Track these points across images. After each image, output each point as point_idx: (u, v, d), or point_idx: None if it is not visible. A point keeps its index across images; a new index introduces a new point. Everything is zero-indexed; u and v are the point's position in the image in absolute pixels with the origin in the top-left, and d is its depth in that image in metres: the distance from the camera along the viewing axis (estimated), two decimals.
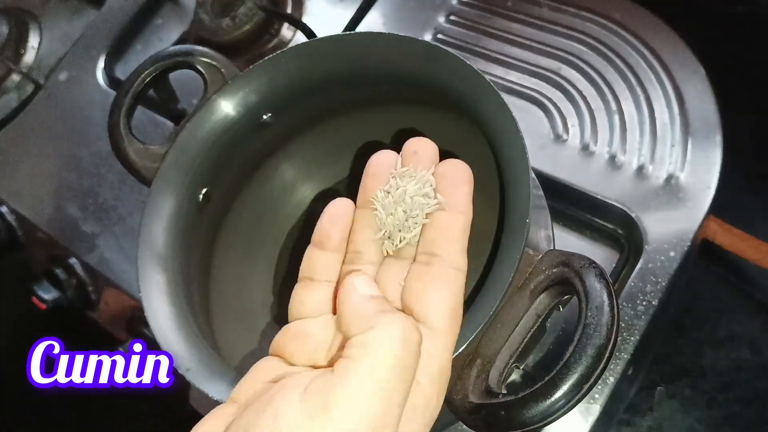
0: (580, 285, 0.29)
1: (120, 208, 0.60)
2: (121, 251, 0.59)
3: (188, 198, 0.41)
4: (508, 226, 0.32)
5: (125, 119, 0.43)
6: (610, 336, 0.28)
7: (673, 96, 0.49)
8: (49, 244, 0.62)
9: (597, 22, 0.54)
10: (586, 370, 0.27)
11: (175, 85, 0.49)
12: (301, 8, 0.66)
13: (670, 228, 0.45)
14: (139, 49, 0.70)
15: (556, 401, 0.27)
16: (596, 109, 0.51)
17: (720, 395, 0.48)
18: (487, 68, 0.55)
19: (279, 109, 0.44)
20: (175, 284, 0.38)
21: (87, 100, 0.67)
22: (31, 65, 0.73)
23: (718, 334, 0.50)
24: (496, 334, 0.30)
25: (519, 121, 0.33)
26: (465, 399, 0.29)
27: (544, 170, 0.49)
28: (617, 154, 0.49)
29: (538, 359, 0.42)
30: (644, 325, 0.43)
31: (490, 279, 0.31)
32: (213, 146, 0.42)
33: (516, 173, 0.32)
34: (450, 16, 0.59)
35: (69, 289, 0.60)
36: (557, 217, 0.49)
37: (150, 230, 0.39)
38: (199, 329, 0.37)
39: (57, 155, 0.66)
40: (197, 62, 0.44)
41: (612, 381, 0.43)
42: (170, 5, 0.71)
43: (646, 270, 0.45)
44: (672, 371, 0.49)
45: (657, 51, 0.51)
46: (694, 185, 0.46)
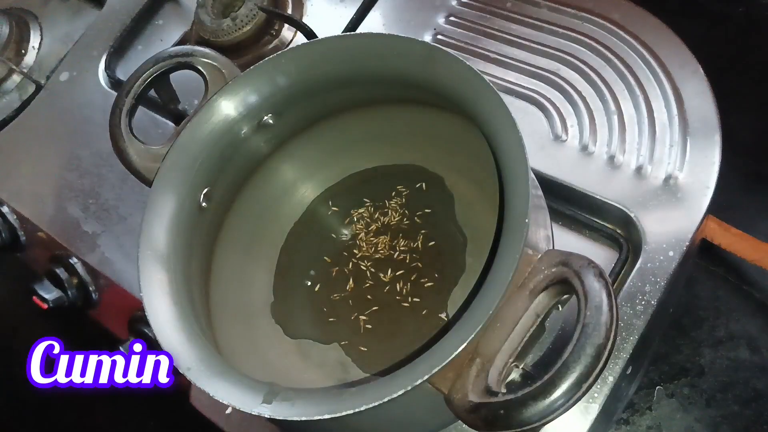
0: (579, 285, 0.29)
1: (121, 208, 0.60)
2: (122, 251, 0.59)
3: (189, 198, 0.41)
4: (508, 225, 0.32)
5: (126, 119, 0.44)
6: (609, 335, 0.28)
7: (672, 96, 0.49)
8: (50, 244, 0.62)
9: (596, 23, 0.54)
10: (585, 369, 0.27)
11: (176, 85, 0.49)
12: (301, 9, 0.66)
13: (669, 228, 0.46)
14: (140, 49, 0.70)
15: (556, 400, 0.27)
16: (595, 110, 0.51)
17: (719, 395, 0.48)
18: (487, 69, 0.55)
19: (279, 110, 0.44)
20: (176, 284, 0.38)
21: (88, 101, 0.67)
22: (31, 65, 0.74)
23: (717, 333, 0.50)
24: (495, 334, 0.31)
25: (518, 122, 0.33)
26: (465, 398, 0.29)
27: (544, 170, 0.49)
28: (616, 154, 0.49)
29: (538, 358, 0.42)
30: (643, 325, 0.43)
31: (490, 278, 0.31)
32: (214, 146, 0.43)
33: (515, 173, 0.33)
34: (450, 17, 0.59)
35: (70, 289, 0.60)
36: (556, 217, 0.49)
37: (151, 230, 0.39)
38: (200, 329, 0.37)
39: (58, 155, 0.66)
40: (198, 63, 0.44)
41: (611, 380, 0.43)
42: (171, 6, 0.71)
43: (645, 270, 0.45)
44: (671, 371, 0.50)
45: (656, 51, 0.51)
46: (693, 185, 0.46)
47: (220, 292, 0.44)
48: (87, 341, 0.68)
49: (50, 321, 0.66)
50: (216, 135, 0.42)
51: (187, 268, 0.40)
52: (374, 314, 0.45)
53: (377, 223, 0.49)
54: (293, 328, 0.46)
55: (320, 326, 0.46)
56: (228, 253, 0.46)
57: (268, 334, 0.46)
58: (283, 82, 0.42)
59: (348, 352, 0.45)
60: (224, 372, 0.34)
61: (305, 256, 0.48)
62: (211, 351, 0.36)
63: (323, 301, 0.47)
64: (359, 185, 0.50)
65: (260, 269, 0.48)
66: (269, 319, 0.47)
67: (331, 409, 0.30)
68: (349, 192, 0.50)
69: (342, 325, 0.46)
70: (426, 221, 0.48)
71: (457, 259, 0.45)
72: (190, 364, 0.34)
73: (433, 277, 0.45)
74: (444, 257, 0.46)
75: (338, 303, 0.46)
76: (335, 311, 0.46)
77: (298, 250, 0.49)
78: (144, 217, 0.39)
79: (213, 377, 0.33)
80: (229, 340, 0.42)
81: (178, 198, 0.41)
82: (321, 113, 0.46)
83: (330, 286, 0.47)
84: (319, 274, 0.48)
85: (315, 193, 0.50)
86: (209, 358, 0.35)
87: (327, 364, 0.45)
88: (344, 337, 0.45)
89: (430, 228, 0.47)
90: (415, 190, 0.48)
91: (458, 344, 0.29)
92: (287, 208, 0.50)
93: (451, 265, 0.45)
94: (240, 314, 0.46)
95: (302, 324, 0.46)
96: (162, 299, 0.37)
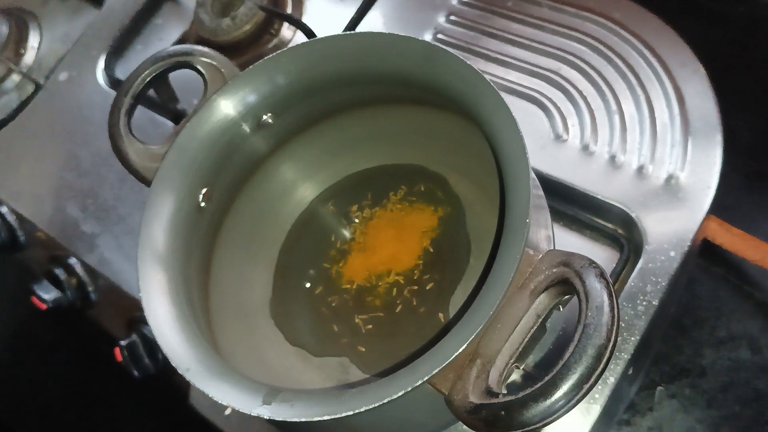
0: (580, 285, 0.29)
1: (120, 208, 0.60)
2: (121, 251, 0.59)
3: (188, 198, 0.41)
4: (508, 226, 0.32)
5: (125, 119, 0.43)
6: (610, 336, 0.28)
7: (674, 96, 0.49)
8: (49, 244, 0.62)
9: (597, 22, 0.54)
10: (586, 370, 0.27)
11: (175, 85, 0.49)
12: (301, 8, 0.66)
13: (670, 228, 0.45)
14: (139, 49, 0.70)
15: (556, 401, 0.27)
16: (596, 109, 0.51)
17: (720, 395, 0.48)
18: (487, 68, 0.55)
19: (279, 109, 0.44)
20: (175, 284, 0.38)
21: (87, 100, 0.67)
22: (31, 65, 0.73)
23: (718, 334, 0.50)
24: (496, 334, 0.30)
25: (519, 121, 0.33)
26: (465, 399, 0.29)
27: (544, 170, 0.49)
28: (617, 154, 0.49)
29: (538, 359, 0.42)
30: (644, 325, 0.43)
31: (490, 279, 0.31)
32: (213, 146, 0.42)
33: (516, 173, 0.32)
34: (450, 16, 0.59)
35: (69, 289, 0.60)
36: (557, 217, 0.49)
37: (150, 230, 0.39)
38: (199, 329, 0.37)
39: (57, 155, 0.66)
40: (197, 62, 0.44)
41: (612, 381, 0.43)
42: (170, 5, 0.71)
43: (646, 270, 0.45)
44: (672, 371, 0.49)
45: (657, 51, 0.51)
46: (694, 185, 0.46)
47: (219, 293, 0.44)
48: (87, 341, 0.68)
49: (50, 321, 0.66)
50: (215, 134, 0.42)
51: (187, 268, 0.40)
52: (374, 315, 0.45)
53: (377, 223, 0.49)
54: (292, 329, 0.46)
55: (319, 327, 0.46)
56: (227, 253, 0.45)
57: (267, 335, 0.46)
58: (282, 81, 0.42)
59: (348, 352, 0.45)
60: (223, 373, 0.34)
61: (305, 256, 0.48)
62: (210, 352, 0.36)
63: (323, 301, 0.47)
64: (359, 185, 0.50)
65: (260, 269, 0.48)
66: (269, 320, 0.47)
67: (330, 411, 0.30)
68: (349, 192, 0.50)
69: (342, 326, 0.46)
70: (426, 221, 0.47)
71: (458, 259, 0.45)
72: (189, 364, 0.34)
73: (434, 277, 0.45)
74: (445, 257, 0.45)
75: (338, 303, 0.46)
76: (335, 312, 0.46)
77: (298, 250, 0.49)
78: (143, 217, 0.39)
79: (212, 378, 0.33)
80: (228, 340, 0.41)
81: (177, 198, 0.41)
82: (321, 113, 0.46)
83: (330, 286, 0.47)
84: (318, 274, 0.48)
85: (315, 193, 0.50)
86: (208, 358, 0.35)
87: (327, 364, 0.45)
88: (344, 337, 0.45)
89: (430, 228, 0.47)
90: (415, 190, 0.48)
91: (459, 345, 0.29)
92: (287, 208, 0.50)
93: (452, 266, 0.45)
94: (239, 314, 0.45)
95: (301, 325, 0.46)
96: (161, 300, 0.37)
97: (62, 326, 0.69)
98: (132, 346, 0.54)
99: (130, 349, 0.54)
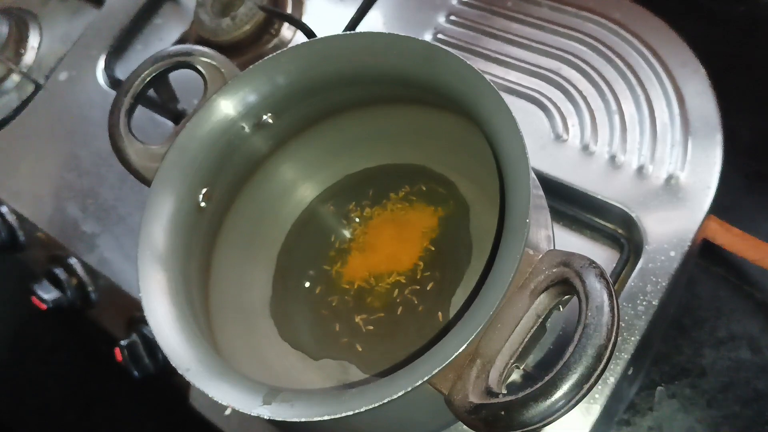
0: (580, 285, 0.29)
1: (120, 208, 0.60)
2: (121, 251, 0.59)
3: (188, 198, 0.41)
4: (508, 226, 0.32)
5: (125, 119, 0.43)
6: (610, 336, 0.28)
7: (674, 96, 0.49)
8: (49, 244, 0.62)
9: (597, 22, 0.54)
10: (586, 370, 0.27)
11: (175, 85, 0.49)
12: (301, 8, 0.66)
13: (670, 228, 0.45)
14: (139, 48, 0.70)
15: (557, 401, 0.27)
16: (596, 109, 0.51)
17: (720, 395, 0.48)
18: (487, 68, 0.55)
19: (279, 109, 0.44)
20: (175, 284, 0.38)
21: (87, 100, 0.67)
22: (31, 65, 0.73)
23: (718, 334, 0.50)
24: (496, 334, 0.30)
25: (519, 121, 0.33)
26: (465, 399, 0.29)
27: (544, 170, 0.49)
28: (617, 154, 0.49)
29: (538, 359, 0.42)
30: (644, 325, 0.43)
31: (490, 279, 0.31)
32: (213, 146, 0.42)
33: (516, 173, 0.32)
34: (450, 16, 0.59)
35: (69, 289, 0.60)
36: (557, 217, 0.49)
37: (150, 230, 0.39)
38: (199, 329, 0.37)
39: (57, 155, 0.66)
40: (197, 62, 0.44)
41: (612, 381, 0.43)
42: (170, 5, 0.71)
43: (646, 270, 0.45)
44: (672, 371, 0.49)
45: (657, 51, 0.51)
46: (694, 185, 0.46)
47: (219, 293, 0.44)
48: (87, 341, 0.68)
49: (50, 321, 0.66)
50: (215, 134, 0.42)
51: (186, 268, 0.40)
52: (374, 315, 0.45)
53: (377, 223, 0.49)
54: (292, 330, 0.46)
55: (319, 327, 0.46)
56: (227, 253, 0.45)
57: (267, 335, 0.46)
58: (282, 81, 0.42)
59: (348, 352, 0.45)
60: (223, 373, 0.34)
61: (305, 257, 0.48)
62: (211, 352, 0.36)
63: (323, 301, 0.47)
64: (359, 185, 0.50)
65: (259, 269, 0.48)
66: (269, 320, 0.47)
67: (330, 411, 0.30)
68: (350, 192, 0.50)
69: (342, 326, 0.46)
70: (427, 221, 0.47)
71: (458, 259, 0.45)
72: (189, 364, 0.34)
73: (434, 277, 0.45)
74: (445, 257, 0.45)
75: (338, 303, 0.46)
76: (335, 312, 0.46)
77: (298, 250, 0.49)
78: (143, 217, 0.39)
79: (212, 378, 0.33)
80: (228, 340, 0.41)
81: (177, 198, 0.41)
82: (321, 113, 0.46)
83: (330, 286, 0.47)
84: (318, 274, 0.48)
85: (315, 193, 0.50)
86: (208, 358, 0.35)
87: (327, 364, 0.45)
88: (344, 337, 0.45)
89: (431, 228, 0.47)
90: (415, 189, 0.48)
91: (459, 345, 0.29)
92: (287, 208, 0.50)
93: (453, 266, 0.45)
94: (239, 315, 0.45)
95: (301, 325, 0.46)
96: (161, 299, 0.37)
97: (62, 326, 0.69)
98: (132, 346, 0.54)
99: (130, 349, 0.54)
